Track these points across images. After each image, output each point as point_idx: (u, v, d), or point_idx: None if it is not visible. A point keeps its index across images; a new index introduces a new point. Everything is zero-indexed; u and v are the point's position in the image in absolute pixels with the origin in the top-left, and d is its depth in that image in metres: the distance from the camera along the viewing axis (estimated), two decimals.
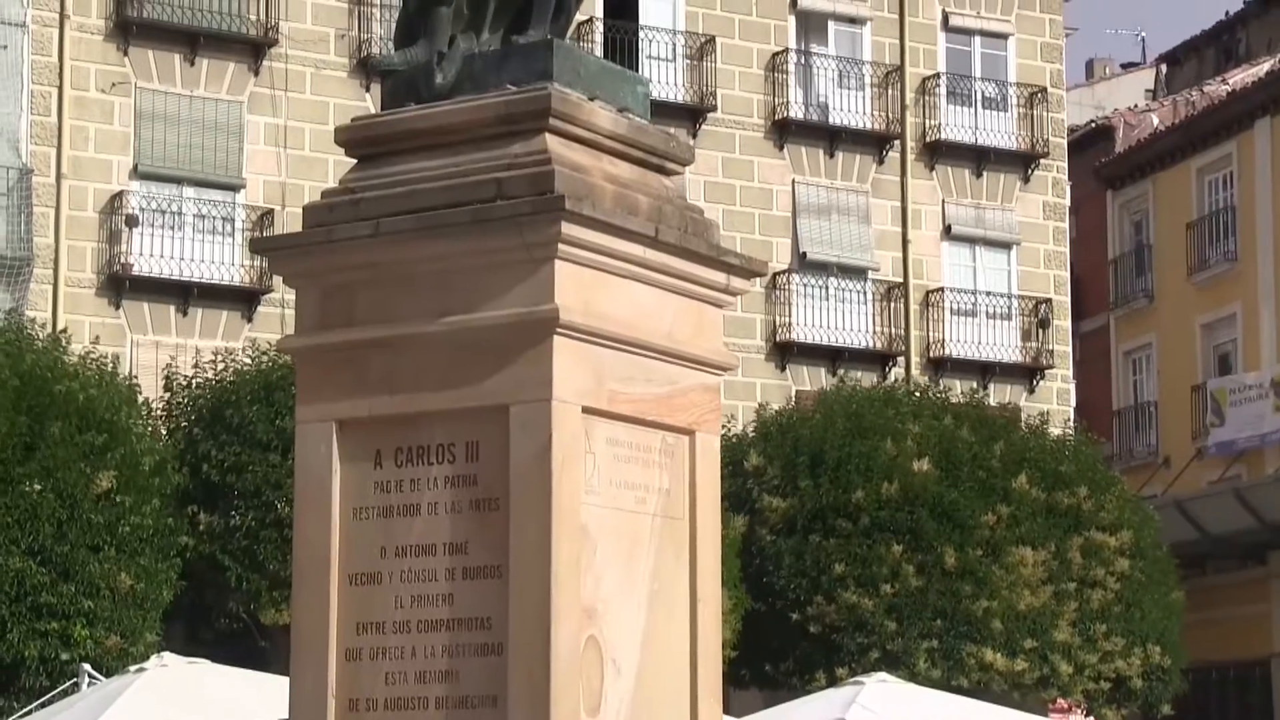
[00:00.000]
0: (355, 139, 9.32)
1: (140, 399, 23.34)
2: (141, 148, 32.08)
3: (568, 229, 8.49)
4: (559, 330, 8.46)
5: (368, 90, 32.59)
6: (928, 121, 38.29)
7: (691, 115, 36.13)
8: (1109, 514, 28.51)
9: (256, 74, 33.01)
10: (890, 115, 37.90)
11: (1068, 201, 40.05)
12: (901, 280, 37.54)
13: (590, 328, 8.59)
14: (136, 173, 32.07)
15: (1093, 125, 47.95)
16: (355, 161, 9.29)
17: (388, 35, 32.45)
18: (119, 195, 31.73)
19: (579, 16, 9.88)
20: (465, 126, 8.98)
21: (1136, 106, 49.38)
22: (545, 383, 8.43)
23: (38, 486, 20.59)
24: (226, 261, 32.18)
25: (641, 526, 8.82)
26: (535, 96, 8.88)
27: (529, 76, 9.02)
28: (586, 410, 8.57)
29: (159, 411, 24.79)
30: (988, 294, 38.38)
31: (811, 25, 37.99)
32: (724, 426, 13.76)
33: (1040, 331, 38.53)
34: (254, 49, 32.95)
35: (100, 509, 21.15)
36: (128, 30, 32.07)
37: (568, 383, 8.47)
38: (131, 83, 32.12)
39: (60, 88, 31.57)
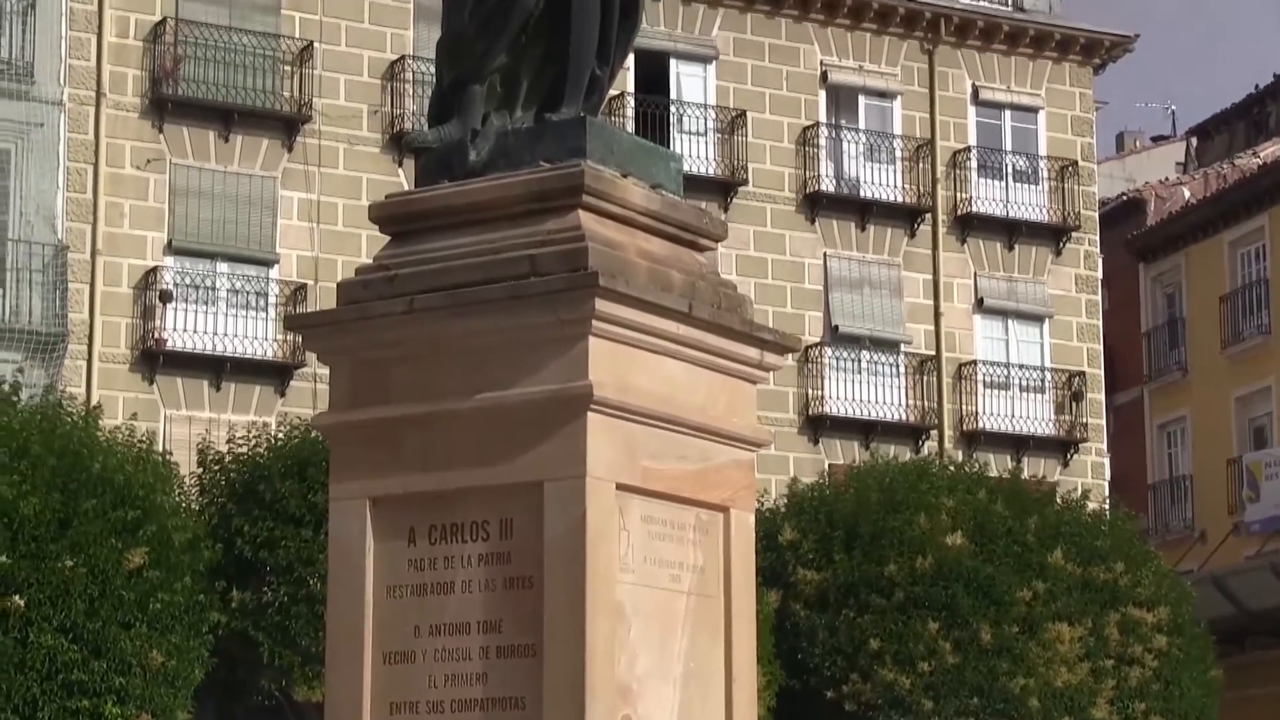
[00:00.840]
0: (389, 216, 9.34)
1: (173, 474, 23.34)
2: (176, 223, 32.24)
3: (601, 305, 8.48)
4: (593, 406, 8.43)
5: (400, 165, 32.74)
6: (959, 195, 38.32)
7: (723, 189, 36.22)
8: (1146, 589, 28.28)
9: (290, 149, 33.19)
10: (921, 188, 37.94)
11: (1100, 274, 39.99)
12: (934, 353, 37.48)
13: (624, 404, 8.56)
14: (171, 248, 32.22)
15: (1124, 198, 47.93)
16: (389, 238, 9.30)
17: (420, 110, 32.64)
18: (153, 271, 31.87)
19: (611, 91, 9.90)
20: (499, 203, 8.98)
21: (1167, 179, 49.36)
22: (579, 459, 8.39)
23: (70, 563, 20.58)
24: (260, 336, 32.26)
25: (676, 605, 8.76)
26: (569, 173, 8.89)
27: (562, 153, 9.03)
28: (620, 487, 8.53)
29: (191, 487, 24.79)
30: (1021, 367, 38.29)
31: (842, 99, 38.09)
32: (757, 500, 13.71)
33: (1074, 405, 38.40)
34: (288, 125, 33.14)
35: (132, 585, 21.11)
36: (163, 107, 32.29)
37: (602, 459, 8.43)
38: (166, 159, 32.31)
39: (96, 165, 31.77)
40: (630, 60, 35.10)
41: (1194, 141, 53.38)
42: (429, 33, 32.54)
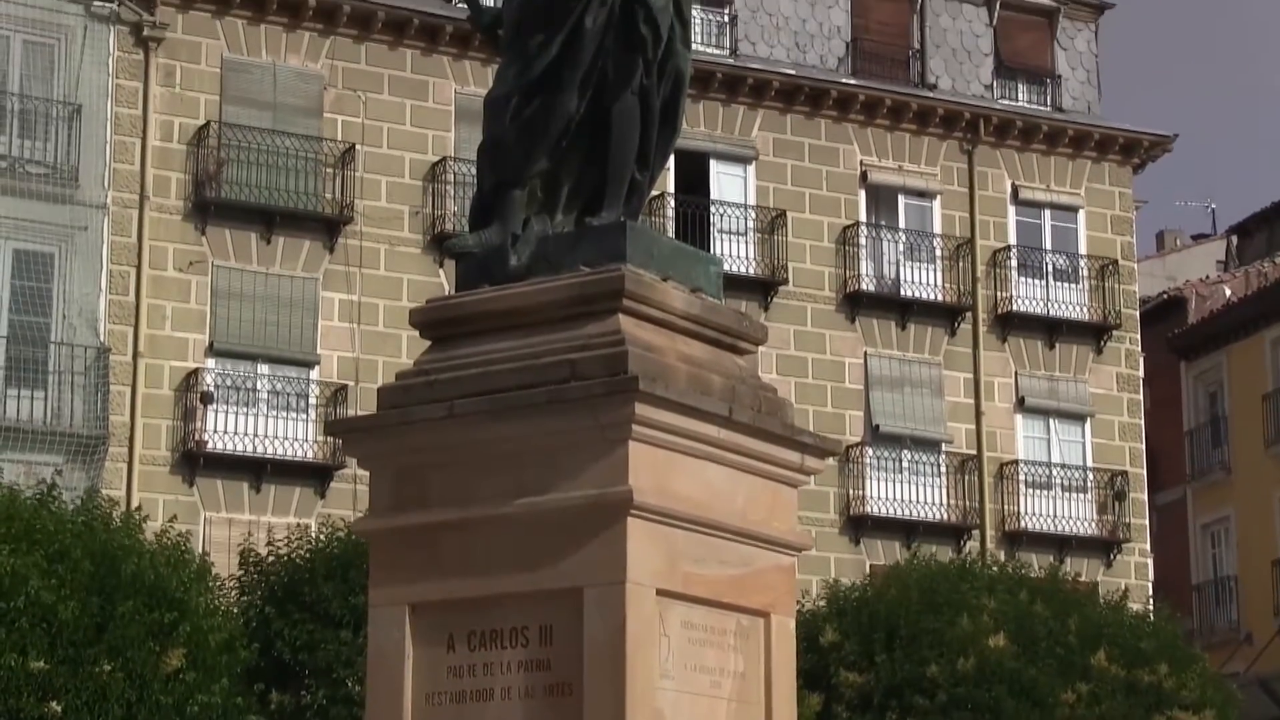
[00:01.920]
0: (429, 321, 9.36)
1: (211, 574, 23.31)
2: (217, 325, 32.38)
3: (642, 410, 8.47)
4: (633, 512, 8.41)
5: (441, 266, 32.86)
6: (999, 294, 38.28)
7: (763, 288, 36.25)
8: (1191, 692, 27.95)
9: (331, 251, 33.36)
10: (961, 287, 37.92)
11: (1141, 373, 39.85)
12: (975, 453, 37.33)
13: (664, 509, 8.54)
14: (212, 350, 32.34)
15: (1165, 296, 47.83)
16: (429, 342, 9.32)
17: (461, 211, 32.80)
18: (194, 373, 31.99)
19: (651, 192, 9.95)
20: (539, 308, 9.01)
21: (1208, 278, 49.26)
22: (619, 565, 8.36)
23: (107, 667, 20.52)
24: (300, 438, 32.31)
25: (717, 711, 8.70)
26: (609, 278, 8.91)
27: (602, 258, 9.06)
28: (660, 593, 8.49)
29: (231, 588, 24.75)
30: (1062, 466, 38.11)
31: (882, 199, 38.16)
32: (798, 601, 13.61)
33: (1116, 504, 38.18)
34: (329, 226, 33.32)
35: (170, 689, 21.04)
36: (206, 210, 32.51)
37: (642, 565, 8.40)
38: (208, 261, 32.50)
39: (139, 267, 31.96)
40: (670, 161, 35.17)
41: (1234, 239, 53.29)
42: (470, 134, 32.76)
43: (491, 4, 10.47)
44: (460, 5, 32.39)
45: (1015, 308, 38.19)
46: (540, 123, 9.53)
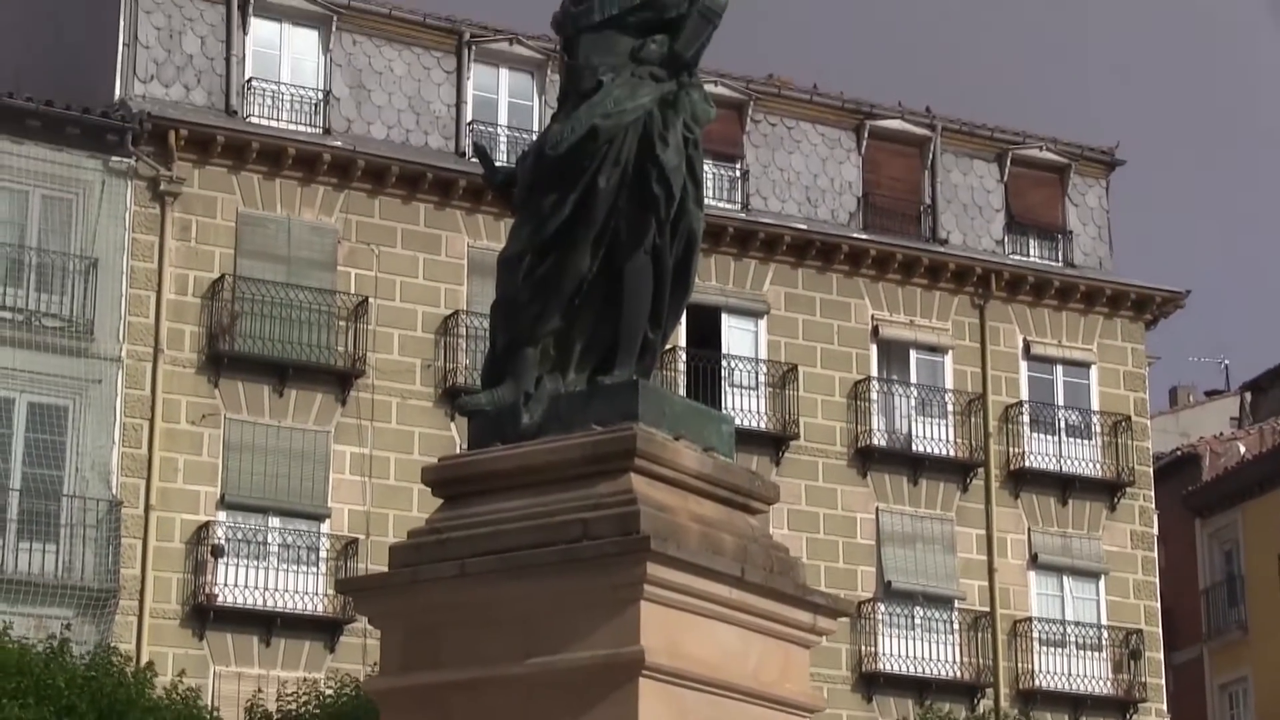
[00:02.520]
0: (441, 479, 9.39)
1: None
2: (229, 478, 32.39)
3: (653, 569, 8.47)
4: (644, 672, 8.39)
5: (453, 419, 32.90)
6: (1011, 449, 38.23)
7: (774, 443, 36.23)
8: None
9: (343, 404, 33.43)
10: (973, 443, 37.88)
11: (1155, 530, 39.66)
12: (988, 609, 37.12)
13: (675, 669, 8.51)
14: (223, 502, 32.32)
15: (1179, 453, 47.74)
16: (442, 500, 9.33)
17: (473, 365, 32.91)
18: (205, 526, 31.95)
19: (663, 350, 10.00)
20: (551, 467, 9.03)
21: (1222, 434, 49.21)
22: None
23: None
24: (310, 591, 32.21)
25: None
26: (621, 437, 8.94)
27: (614, 417, 9.10)
28: None
29: None
30: (1077, 624, 37.87)
31: (893, 354, 38.23)
32: None
33: (1132, 663, 37.89)
34: (342, 380, 33.41)
35: None
36: (219, 363, 32.63)
37: None
38: (221, 414, 32.57)
39: (152, 420, 32.02)
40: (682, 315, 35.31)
41: (1248, 396, 53.30)
42: (483, 288, 32.94)
43: (504, 161, 10.59)
44: (473, 160, 32.73)
45: (1028, 464, 38.12)
46: (553, 281, 9.61)
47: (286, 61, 34.77)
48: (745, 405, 35.82)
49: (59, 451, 31.15)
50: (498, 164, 10.86)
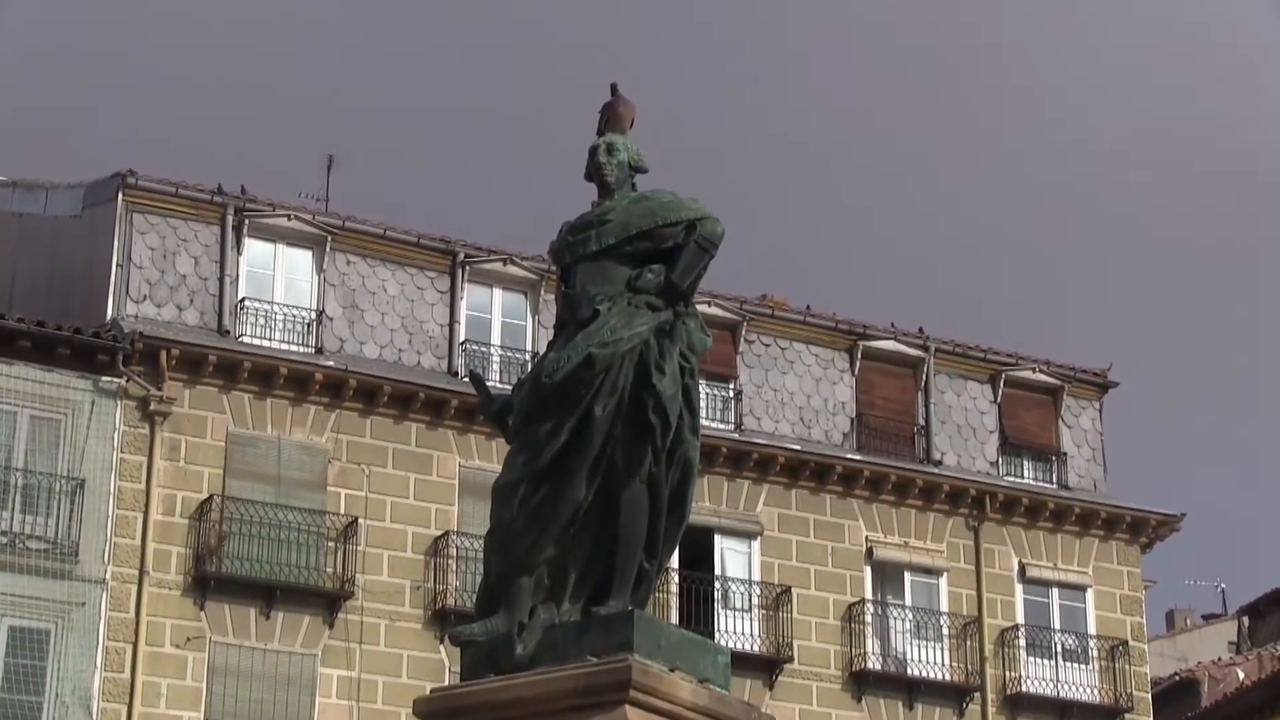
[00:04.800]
0: (433, 710, 9.32)
1: None
2: (213, 702, 32.05)
3: None
4: None
5: (442, 642, 32.66)
6: (1008, 673, 37.96)
7: (768, 666, 35.97)
8: None
9: (331, 626, 33.21)
10: (969, 667, 37.62)
11: None
12: None
13: None
14: None
15: (1177, 678, 47.38)
16: None
17: (464, 586, 32.77)
18: None
19: (659, 579, 9.98)
20: (545, 698, 8.98)
21: (1220, 659, 48.88)
22: None
23: None
24: None
25: None
26: (615, 669, 8.90)
27: (609, 648, 9.06)
28: None
29: None
30: None
31: (888, 576, 38.09)
32: None
33: None
34: (329, 601, 33.22)
35: None
36: (205, 585, 32.45)
37: None
38: (206, 637, 32.32)
39: (135, 644, 31.76)
40: None
41: (1246, 620, 53.04)
42: (474, 508, 32.92)
43: (496, 380, 10.64)
44: (465, 380, 32.87)
45: (1024, 688, 37.83)
46: (548, 511, 9.63)
47: (280, 281, 35.05)
48: (738, 627, 35.63)
49: (39, 676, 30.86)
50: (492, 388, 10.91)
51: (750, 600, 36.55)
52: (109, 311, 33.62)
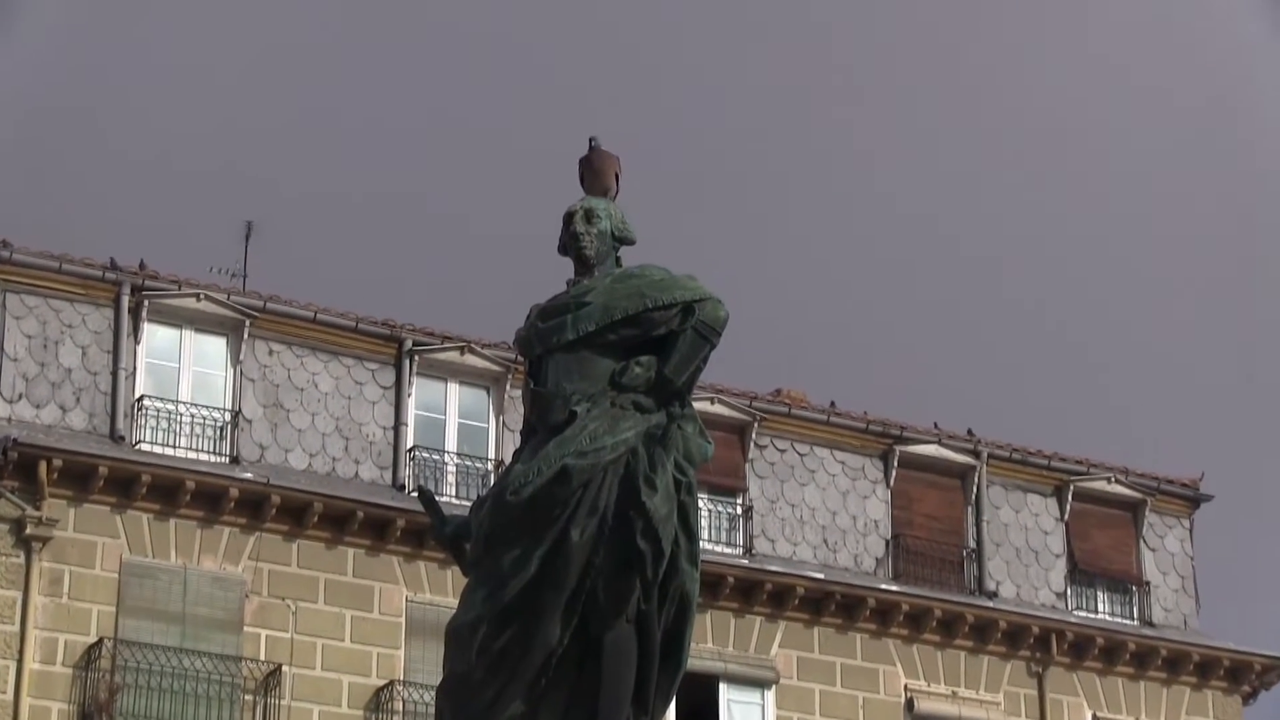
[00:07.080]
0: None
1: None
2: None
3: None
4: None
5: None
6: None
7: None
8: None
9: None
10: None
11: None
12: None
13: None
14: None
15: None
16: None
17: None
18: None
19: None
20: None
21: None
22: None
23: None
24: None
25: None
26: None
27: None
28: None
29: None
30: None
31: None
32: None
33: None
34: None
35: None
36: None
37: None
38: None
39: None
40: None
41: None
42: (424, 652, 32.93)
43: (451, 497, 10.67)
44: (413, 496, 32.88)
45: None
46: (515, 657, 9.65)
47: (186, 376, 35.09)
48: None
49: None
50: (445, 506, 10.93)
51: None
52: None
